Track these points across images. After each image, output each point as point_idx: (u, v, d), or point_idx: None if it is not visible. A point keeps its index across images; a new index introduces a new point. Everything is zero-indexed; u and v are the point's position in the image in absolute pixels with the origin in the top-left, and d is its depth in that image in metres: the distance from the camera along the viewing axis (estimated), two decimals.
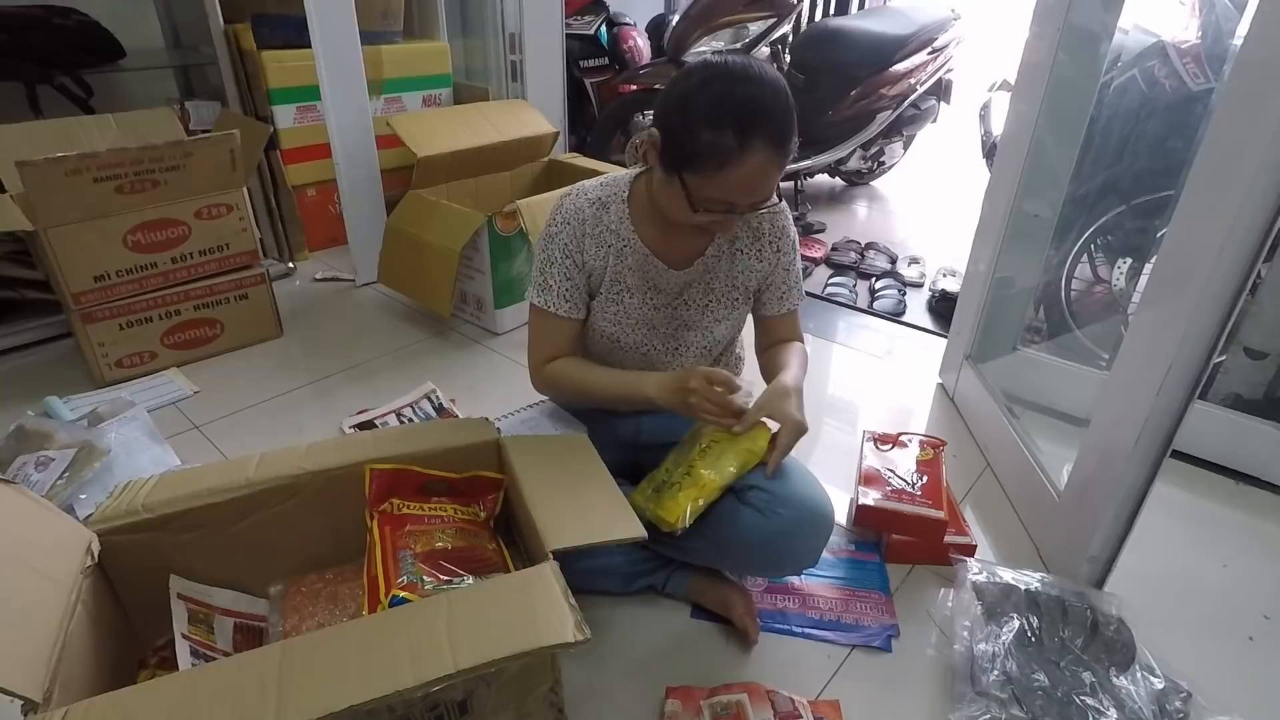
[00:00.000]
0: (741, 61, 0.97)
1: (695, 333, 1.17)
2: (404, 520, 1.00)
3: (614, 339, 1.18)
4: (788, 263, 1.16)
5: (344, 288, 2.32)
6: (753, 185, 0.98)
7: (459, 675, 0.69)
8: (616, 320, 1.16)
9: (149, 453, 1.42)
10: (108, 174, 1.60)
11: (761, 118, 0.94)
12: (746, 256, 1.14)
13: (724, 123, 0.93)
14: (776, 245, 1.14)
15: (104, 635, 0.88)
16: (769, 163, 0.96)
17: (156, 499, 0.94)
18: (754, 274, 1.16)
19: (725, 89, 0.95)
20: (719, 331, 1.18)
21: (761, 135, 0.94)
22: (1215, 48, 1.62)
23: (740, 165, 0.95)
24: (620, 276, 1.14)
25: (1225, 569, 1.31)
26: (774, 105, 0.95)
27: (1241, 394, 1.57)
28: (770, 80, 0.96)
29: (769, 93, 0.95)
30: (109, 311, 1.70)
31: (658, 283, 1.15)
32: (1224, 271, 0.95)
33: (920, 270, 2.53)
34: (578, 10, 3.13)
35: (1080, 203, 1.75)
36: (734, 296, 1.17)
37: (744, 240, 1.14)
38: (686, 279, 1.14)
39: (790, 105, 0.97)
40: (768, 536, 1.03)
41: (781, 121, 0.95)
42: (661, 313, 1.16)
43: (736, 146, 0.93)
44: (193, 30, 2.26)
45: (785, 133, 0.96)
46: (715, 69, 0.96)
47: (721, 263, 1.14)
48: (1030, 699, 0.97)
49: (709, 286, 1.15)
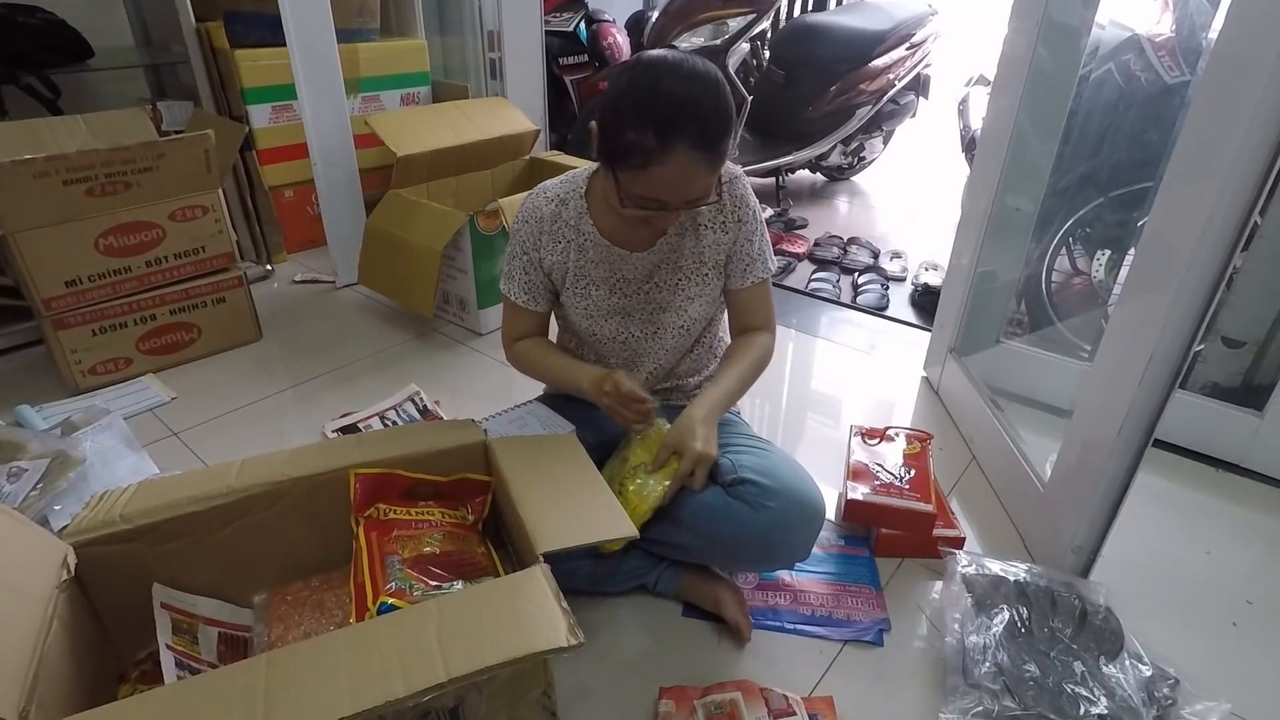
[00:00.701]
0: (674, 59, 0.96)
1: (670, 314, 1.16)
2: (390, 525, 0.99)
3: (590, 331, 1.20)
4: (749, 232, 1.14)
5: (324, 290, 2.29)
6: (678, 186, 0.97)
7: (451, 684, 0.68)
8: (588, 314, 1.17)
9: (126, 461, 1.39)
10: (77, 176, 1.56)
11: (684, 119, 0.92)
12: (712, 231, 1.13)
13: (646, 123, 0.93)
14: (737, 215, 1.12)
15: (82, 651, 0.86)
16: (693, 164, 0.94)
17: (135, 509, 0.92)
18: (720, 247, 1.14)
19: (650, 88, 0.94)
20: (694, 310, 1.17)
21: (684, 137, 0.92)
22: (1189, 41, 1.65)
23: (662, 166, 0.94)
24: (584, 271, 1.15)
25: (1208, 555, 1.32)
26: (700, 106, 0.93)
27: (1220, 382, 1.59)
28: (701, 79, 0.94)
29: (696, 93, 0.93)
30: (81, 317, 1.66)
31: (624, 271, 1.15)
32: (1202, 262, 0.96)
33: (902, 264, 2.54)
34: (556, 7, 3.11)
35: (1060, 196, 1.76)
36: (703, 273, 1.15)
37: (707, 215, 1.12)
38: (653, 261, 1.14)
39: (721, 106, 0.95)
40: (759, 530, 1.02)
41: (707, 123, 0.93)
42: (633, 299, 1.16)
43: (658, 147, 0.93)
44: (163, 28, 2.22)
45: (711, 134, 0.94)
46: (646, 66, 0.96)
47: (686, 240, 1.13)
48: (1022, 690, 0.98)
49: (677, 265, 1.14)
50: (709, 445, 1.05)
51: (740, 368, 1.15)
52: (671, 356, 1.21)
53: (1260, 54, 0.87)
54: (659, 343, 1.19)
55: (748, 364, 1.16)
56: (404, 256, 1.94)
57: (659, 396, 1.25)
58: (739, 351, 1.18)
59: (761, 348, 1.18)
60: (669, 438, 1.07)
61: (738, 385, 1.15)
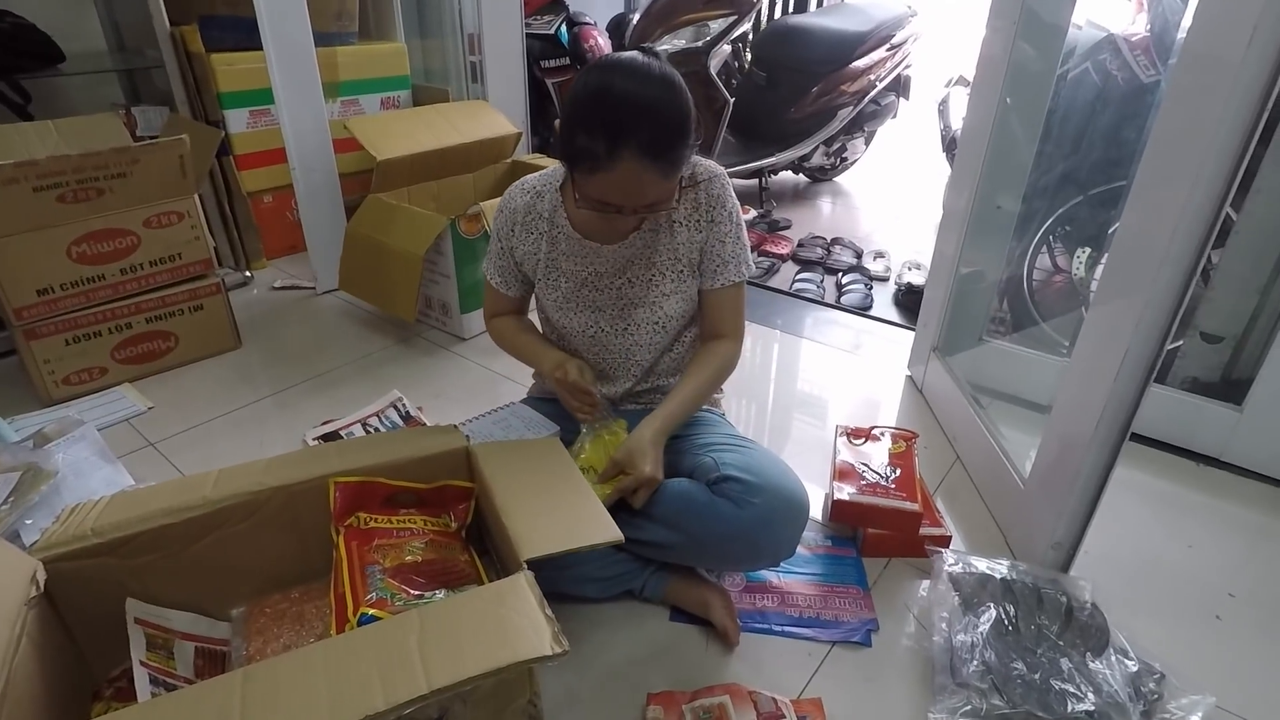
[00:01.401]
0: (633, 61, 0.95)
1: (643, 309, 1.15)
2: (371, 534, 0.97)
3: (560, 324, 1.20)
4: (722, 234, 1.12)
5: (304, 296, 2.26)
6: (627, 191, 0.96)
7: (433, 695, 0.67)
8: (558, 306, 1.18)
9: (100, 473, 1.36)
10: (48, 183, 1.53)
11: (633, 125, 0.91)
12: (686, 229, 1.12)
13: (596, 127, 0.92)
14: (711, 215, 1.11)
15: (53, 669, 0.83)
16: (642, 171, 0.93)
17: (106, 522, 0.90)
18: (694, 246, 1.12)
19: (602, 91, 0.93)
20: (669, 307, 1.15)
21: (632, 144, 0.91)
22: (1164, 40, 1.66)
23: (610, 171, 0.93)
24: (555, 263, 1.16)
25: (1190, 549, 1.33)
26: (651, 113, 0.92)
27: (1199, 377, 1.61)
28: (656, 82, 0.93)
29: (649, 98, 0.92)
30: (54, 326, 1.63)
31: (595, 265, 1.14)
32: (1174, 259, 0.96)
33: (886, 264, 2.55)
34: (537, 10, 3.10)
35: (1041, 194, 1.78)
36: (678, 269, 1.13)
37: (683, 212, 1.11)
38: (626, 256, 1.13)
39: (675, 113, 0.94)
40: (745, 526, 1.02)
41: (657, 130, 0.92)
42: (605, 294, 1.15)
43: (606, 153, 0.92)
44: (137, 32, 2.18)
45: (661, 142, 0.93)
46: (602, 68, 0.95)
47: (662, 236, 1.12)
48: (1010, 688, 0.98)
49: (651, 261, 1.13)
50: (656, 469, 1.06)
51: (696, 381, 1.15)
52: (645, 353, 1.19)
53: (1228, 51, 0.87)
54: (630, 338, 1.18)
55: (704, 378, 1.16)
56: (385, 261, 1.92)
57: (641, 400, 1.24)
58: (697, 364, 1.17)
59: (721, 359, 1.17)
60: (619, 455, 1.08)
61: (693, 400, 1.15)
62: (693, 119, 0.98)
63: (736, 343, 1.19)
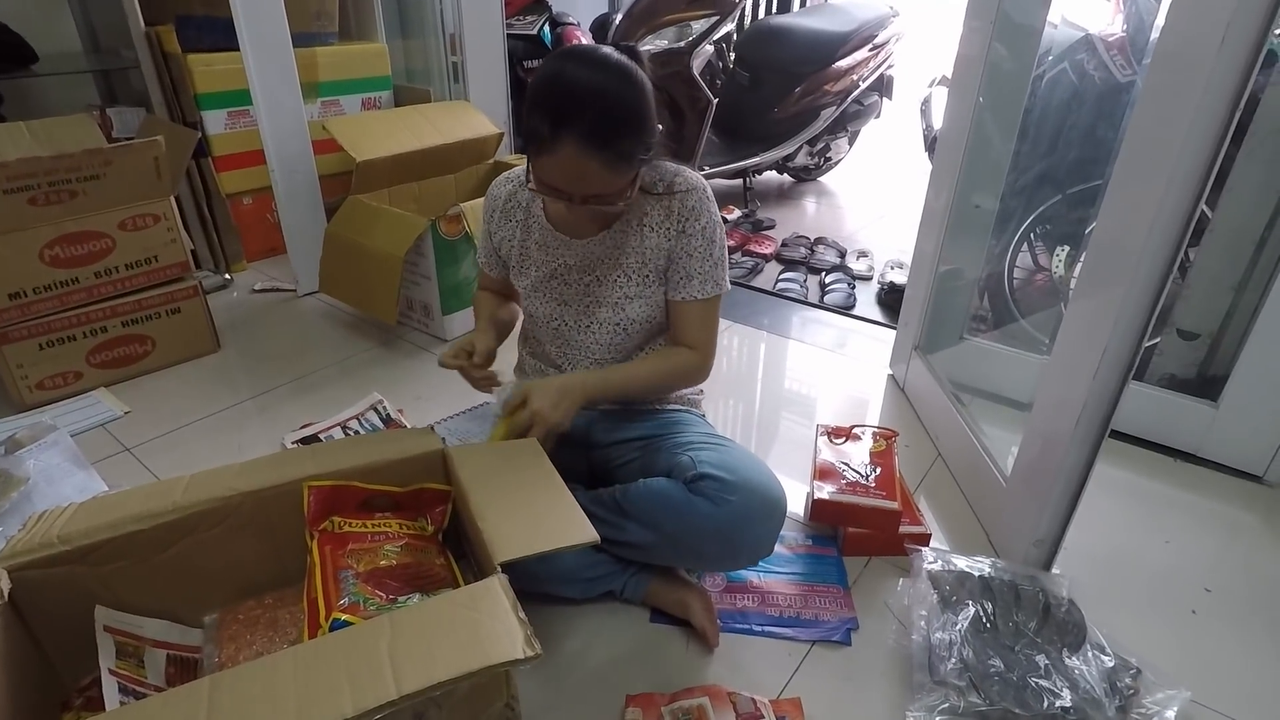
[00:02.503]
0: (590, 51, 0.96)
1: (606, 309, 1.15)
2: (346, 539, 0.96)
3: (528, 311, 1.23)
4: (691, 247, 1.10)
5: (285, 298, 2.24)
6: (569, 178, 0.97)
7: (402, 701, 0.66)
8: (527, 294, 1.20)
9: (72, 479, 1.34)
10: (18, 185, 1.50)
11: (576, 110, 0.92)
12: (656, 235, 1.10)
13: (542, 109, 0.94)
14: (683, 224, 1.09)
15: (19, 679, 0.82)
16: (583, 158, 0.94)
17: (74, 529, 0.88)
18: (661, 253, 1.11)
19: (553, 76, 0.95)
20: (631, 310, 1.14)
21: (572, 129, 0.92)
22: (1140, 39, 1.68)
23: (552, 155, 0.95)
24: (527, 251, 1.18)
25: (1167, 545, 1.34)
26: (597, 98, 0.93)
27: (1176, 374, 1.62)
28: (610, 72, 0.94)
29: (596, 84, 0.93)
30: (27, 331, 1.61)
31: (565, 257, 1.15)
32: (1151, 257, 0.97)
33: (869, 264, 2.56)
34: (520, 10, 3.09)
35: (1019, 193, 1.79)
36: (644, 274, 1.12)
37: (654, 217, 1.10)
38: (595, 253, 1.13)
39: (622, 102, 0.94)
40: (721, 525, 1.01)
41: (601, 118, 0.93)
42: (572, 288, 1.16)
43: (549, 135, 0.93)
44: (112, 33, 2.16)
45: (604, 130, 0.93)
46: (563, 54, 0.97)
47: (630, 238, 1.12)
48: (987, 685, 0.98)
49: (619, 262, 1.13)
50: (556, 410, 1.05)
51: (646, 366, 1.17)
52: (605, 352, 1.18)
53: (1201, 50, 0.88)
54: (591, 335, 1.17)
55: (655, 366, 1.17)
56: (365, 263, 1.91)
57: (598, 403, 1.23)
58: (654, 355, 1.19)
59: (678, 361, 1.15)
60: (524, 385, 1.08)
61: (635, 378, 1.15)
62: (647, 114, 0.98)
63: (700, 355, 1.16)
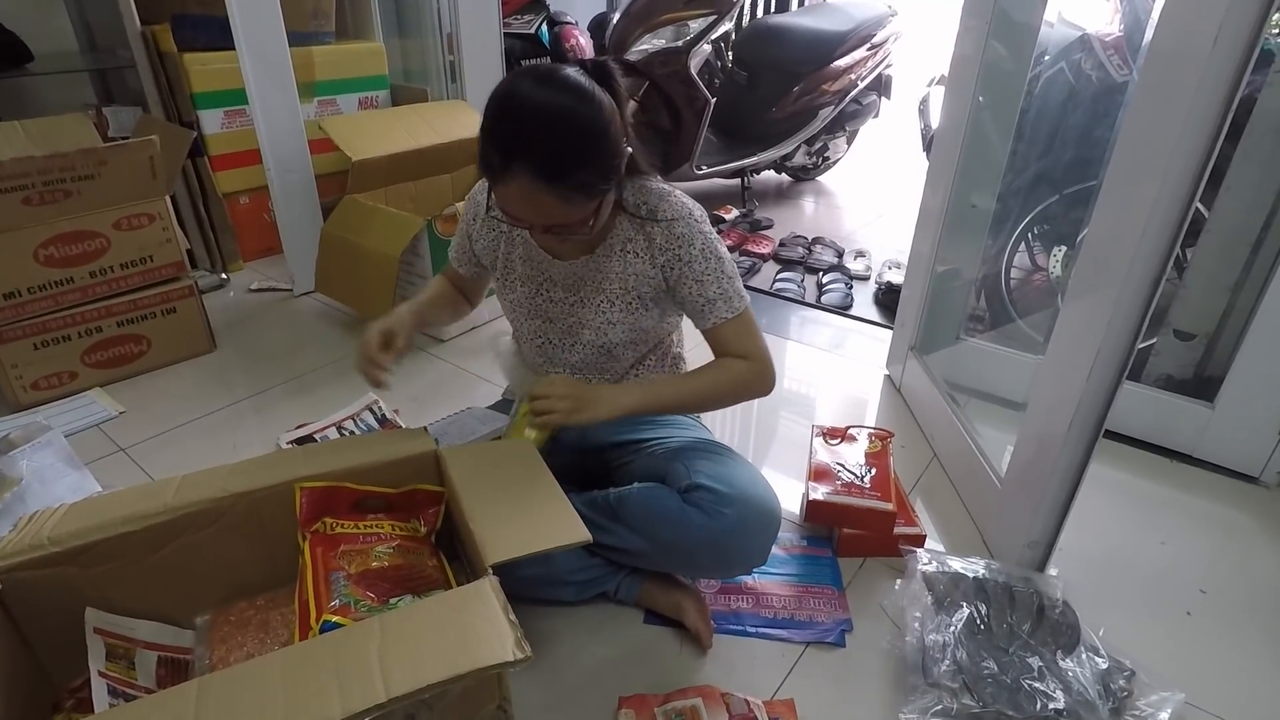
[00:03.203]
0: (543, 74, 0.90)
1: (589, 331, 1.12)
2: (338, 540, 0.96)
3: (514, 325, 1.21)
4: (697, 273, 1.04)
5: (281, 298, 2.24)
6: (522, 208, 0.93)
7: (391, 704, 0.66)
8: (513, 308, 1.18)
9: (66, 480, 1.34)
10: (12, 185, 1.50)
11: (524, 142, 0.87)
12: (639, 261, 1.06)
13: (493, 139, 0.90)
14: (677, 255, 1.04)
15: (10, 680, 0.82)
16: (534, 192, 0.89)
17: (64, 530, 0.88)
18: (646, 281, 1.07)
19: (504, 100, 0.90)
20: (613, 335, 1.11)
21: (520, 161, 0.87)
22: (1137, 40, 1.67)
23: (506, 186, 0.91)
24: (511, 264, 1.15)
25: (1163, 546, 1.34)
26: (548, 128, 0.87)
27: (1173, 374, 1.62)
28: (567, 95, 0.88)
29: (550, 112, 0.87)
30: (21, 330, 1.60)
31: (550, 274, 1.12)
32: (1144, 257, 0.96)
33: (866, 264, 2.55)
34: (518, 9, 3.09)
35: (1016, 193, 1.78)
36: (628, 300, 1.09)
37: (637, 244, 1.06)
38: (578, 274, 1.10)
39: (580, 131, 0.89)
40: (714, 537, 1.01)
41: (551, 149, 0.87)
42: (557, 305, 1.14)
43: (500, 166, 0.89)
44: (108, 32, 2.15)
45: (555, 163, 0.88)
46: (515, 78, 0.91)
47: (613, 263, 1.08)
48: (980, 687, 0.98)
49: (601, 286, 1.09)
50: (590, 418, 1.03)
51: (695, 381, 1.11)
52: (592, 372, 1.17)
53: (1194, 49, 0.88)
54: (575, 355, 1.15)
55: (706, 381, 1.09)
56: (361, 263, 1.90)
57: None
58: (701, 369, 1.12)
59: (732, 370, 1.08)
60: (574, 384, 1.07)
61: (676, 397, 1.10)
62: (603, 141, 0.92)
63: (757, 364, 1.08)
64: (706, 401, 1.13)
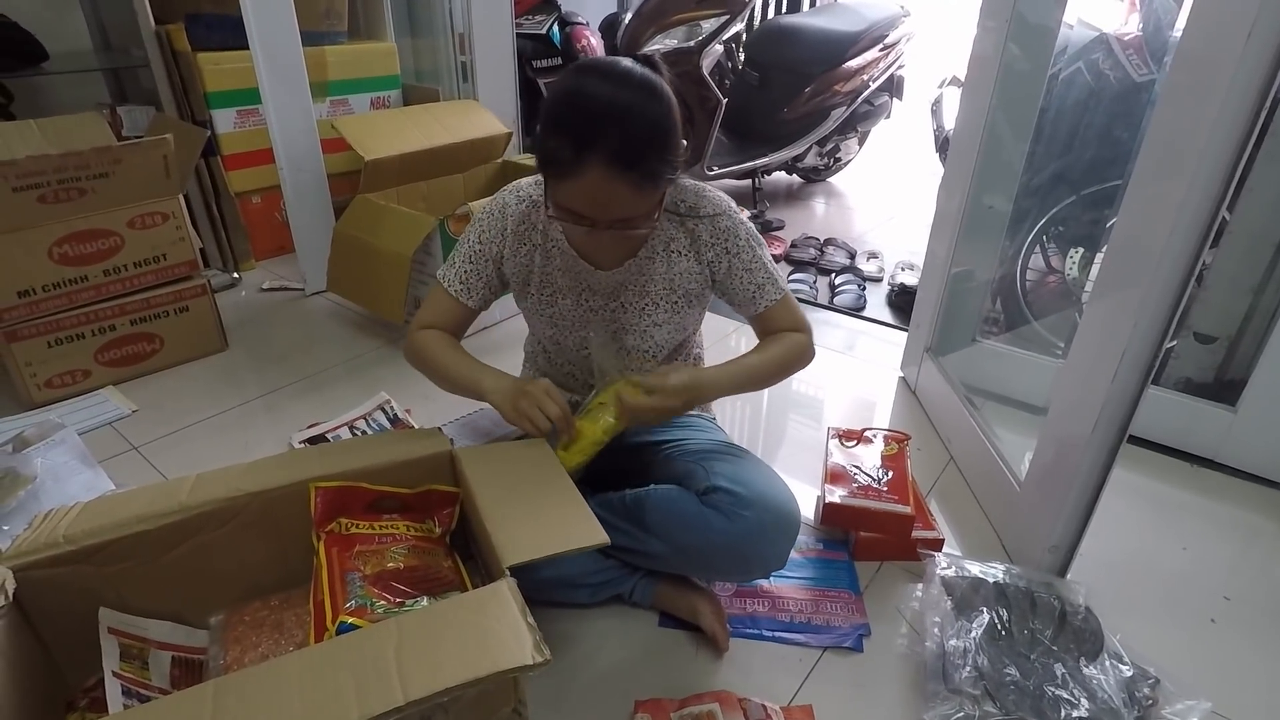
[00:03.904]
0: (612, 65, 0.91)
1: (633, 336, 1.12)
2: (353, 540, 0.95)
3: (555, 340, 1.17)
4: (745, 263, 1.08)
5: (293, 297, 2.24)
6: (595, 202, 0.92)
7: (409, 707, 0.65)
8: (554, 322, 1.15)
9: (80, 478, 1.34)
10: (28, 183, 1.50)
11: (601, 131, 0.86)
12: (684, 259, 1.08)
13: (564, 131, 0.89)
14: (724, 247, 1.07)
15: (24, 680, 0.81)
16: (609, 181, 0.88)
17: (79, 529, 0.87)
18: (693, 277, 1.09)
19: (572, 94, 0.90)
20: (659, 336, 1.12)
21: (598, 151, 0.87)
22: (1156, 39, 1.66)
23: (578, 179, 0.89)
24: (550, 278, 1.12)
25: (1185, 552, 1.32)
26: (623, 118, 0.87)
27: (1192, 378, 1.60)
28: (634, 88, 0.89)
29: (621, 103, 0.87)
30: (35, 329, 1.60)
31: (590, 283, 1.11)
32: (1172, 258, 0.95)
33: (879, 265, 2.54)
34: (529, 10, 3.08)
35: (1033, 194, 1.77)
36: (673, 300, 1.10)
37: (680, 243, 1.08)
38: (619, 280, 1.10)
39: (653, 121, 0.89)
40: (732, 540, 1.00)
41: (628, 137, 0.87)
42: (599, 314, 1.12)
43: (573, 159, 0.88)
44: (122, 31, 2.16)
45: (632, 151, 0.88)
46: (581, 69, 0.92)
47: (657, 264, 1.08)
48: (1003, 694, 0.96)
49: (645, 290, 1.10)
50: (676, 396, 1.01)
51: (760, 357, 1.10)
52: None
53: (1223, 52, 0.86)
54: (620, 362, 1.14)
55: (771, 356, 1.10)
56: (373, 262, 1.90)
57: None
58: (767, 344, 1.13)
59: (791, 343, 1.11)
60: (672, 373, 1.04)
61: (746, 375, 1.09)
62: (674, 130, 0.92)
63: (807, 333, 1.14)
64: (779, 373, 1.13)
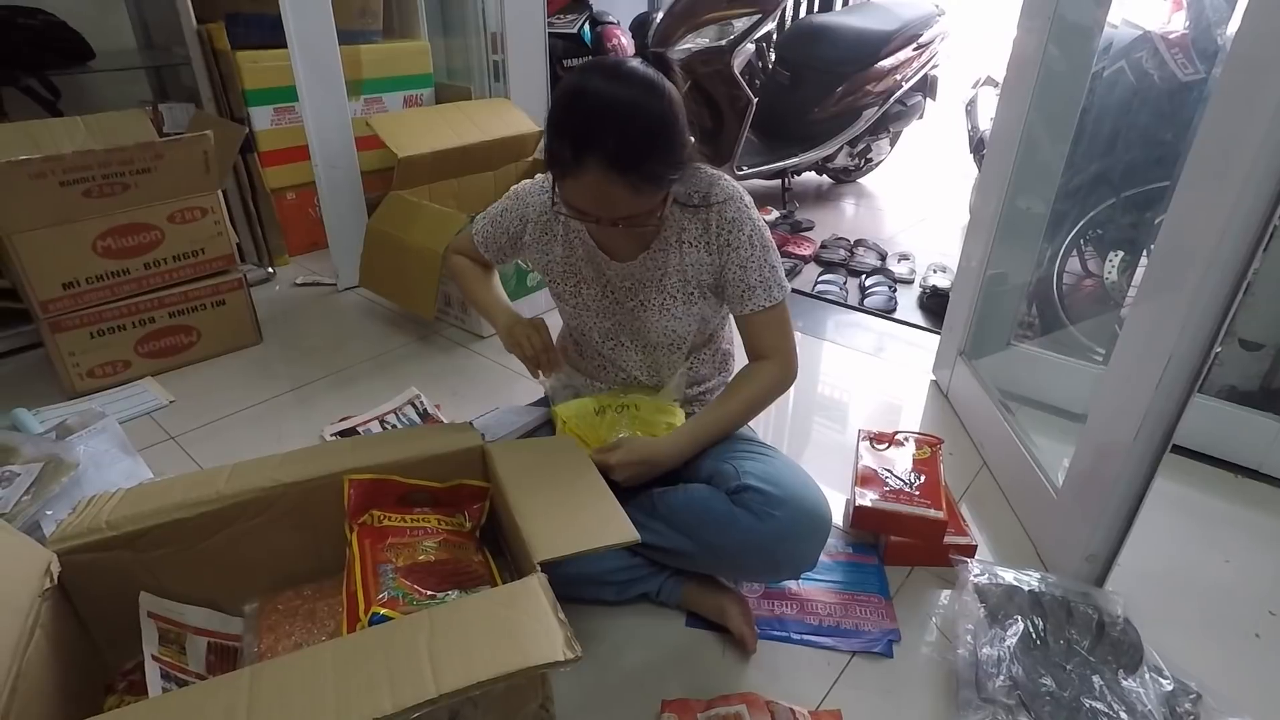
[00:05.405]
0: (615, 65, 0.91)
1: (655, 331, 1.13)
2: (385, 533, 0.96)
3: (581, 330, 1.19)
4: (742, 258, 1.05)
5: (325, 292, 2.27)
6: (596, 201, 0.93)
7: (442, 699, 0.65)
8: (578, 313, 1.17)
9: (120, 465, 1.37)
10: (74, 177, 1.54)
11: (599, 132, 0.87)
12: (696, 250, 1.07)
13: (565, 133, 0.90)
14: (726, 239, 1.05)
15: (66, 661, 0.83)
16: (607, 182, 0.89)
17: (121, 515, 0.89)
18: (705, 269, 1.08)
19: (574, 94, 0.90)
20: (679, 329, 1.12)
21: (595, 153, 0.87)
22: (1204, 38, 1.61)
23: (577, 179, 0.91)
24: (575, 268, 1.14)
25: (1227, 564, 1.28)
26: (620, 120, 0.88)
27: (1237, 386, 1.55)
28: (635, 88, 0.89)
29: (621, 104, 0.88)
30: (79, 320, 1.65)
31: (608, 274, 1.12)
32: (1222, 263, 0.92)
33: (910, 267, 2.50)
34: (561, 9, 3.10)
35: (1072, 196, 1.73)
36: (689, 292, 1.10)
37: (692, 234, 1.07)
38: (636, 274, 1.10)
39: (651, 121, 0.89)
40: (763, 540, 0.99)
41: (625, 139, 0.87)
42: (622, 305, 1.14)
43: (573, 159, 0.89)
44: (165, 30, 2.20)
45: (629, 153, 0.88)
46: (584, 69, 0.93)
47: (671, 257, 1.08)
48: (1038, 704, 0.94)
49: (661, 284, 1.10)
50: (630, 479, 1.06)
51: (728, 404, 1.13)
52: (666, 370, 1.19)
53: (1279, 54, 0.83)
54: (641, 353, 1.18)
55: (739, 400, 1.12)
56: (405, 258, 1.92)
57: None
58: (733, 388, 1.15)
59: (760, 378, 1.12)
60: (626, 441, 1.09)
61: (719, 427, 1.12)
62: (675, 131, 0.92)
63: (780, 365, 1.12)
64: (747, 417, 1.16)
